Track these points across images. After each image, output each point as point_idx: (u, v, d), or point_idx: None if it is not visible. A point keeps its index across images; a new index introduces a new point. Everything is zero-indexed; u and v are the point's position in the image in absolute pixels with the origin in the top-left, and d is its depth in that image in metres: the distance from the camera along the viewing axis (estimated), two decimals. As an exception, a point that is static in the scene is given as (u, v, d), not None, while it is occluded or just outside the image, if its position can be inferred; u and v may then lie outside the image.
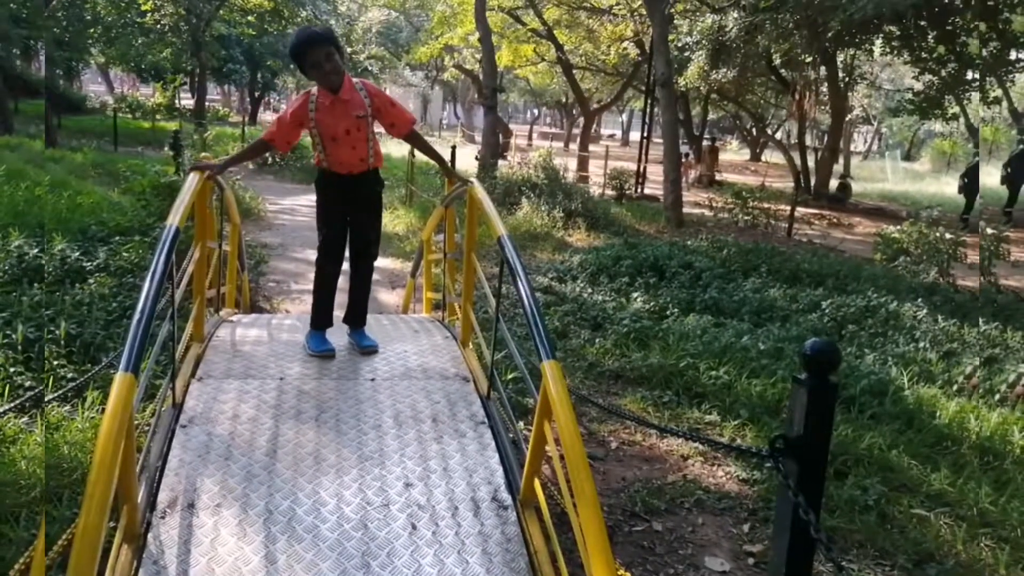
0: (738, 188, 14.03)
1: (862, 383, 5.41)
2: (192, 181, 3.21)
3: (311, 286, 3.75)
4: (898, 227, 10.73)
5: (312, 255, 3.90)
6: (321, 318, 3.65)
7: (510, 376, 5.08)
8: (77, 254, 6.31)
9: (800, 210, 14.22)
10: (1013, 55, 18.99)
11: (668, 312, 7.05)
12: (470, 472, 2.60)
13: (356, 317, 3.75)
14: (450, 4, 21.46)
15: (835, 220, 17.61)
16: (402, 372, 3.40)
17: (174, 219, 2.72)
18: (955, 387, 5.64)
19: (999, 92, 21.56)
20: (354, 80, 3.53)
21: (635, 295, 7.40)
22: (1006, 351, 6.70)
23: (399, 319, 4.65)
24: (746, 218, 13.35)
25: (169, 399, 2.90)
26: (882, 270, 9.58)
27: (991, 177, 30.00)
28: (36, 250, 6.08)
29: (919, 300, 8.01)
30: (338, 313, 3.75)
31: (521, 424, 4.10)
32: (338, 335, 3.73)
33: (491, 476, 2.59)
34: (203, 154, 5.38)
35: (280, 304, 6.85)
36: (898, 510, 3.87)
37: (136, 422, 3.46)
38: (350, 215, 3.64)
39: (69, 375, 4.24)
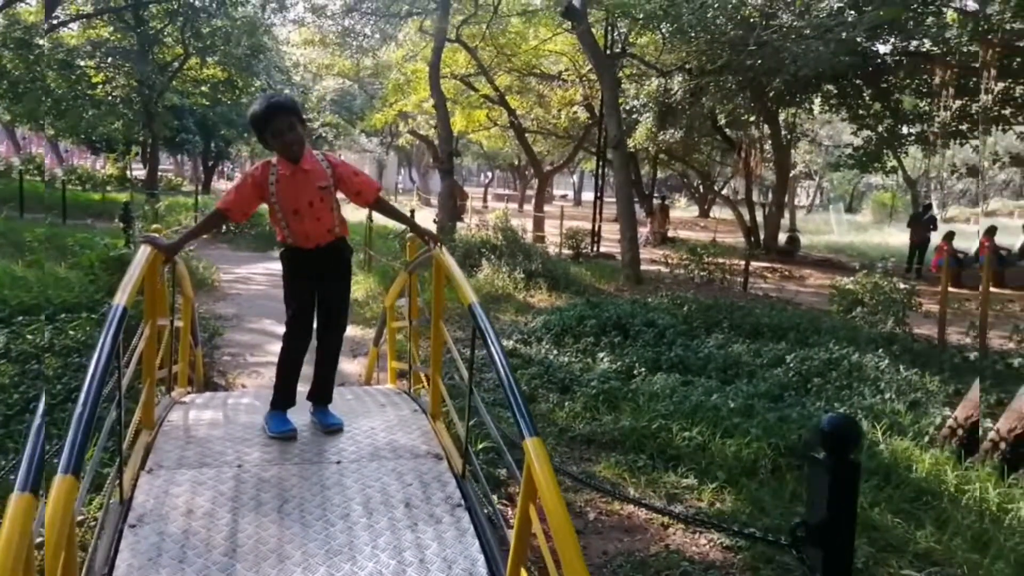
0: (692, 244, 14.23)
1: (835, 438, 5.36)
2: (142, 255, 3.04)
3: (268, 358, 3.58)
4: (851, 278, 10.94)
5: (268, 325, 3.74)
6: (284, 398, 3.45)
7: (480, 446, 4.89)
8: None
9: (753, 264, 14.47)
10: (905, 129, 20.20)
11: (635, 371, 6.96)
12: (449, 563, 2.41)
13: (322, 395, 3.55)
14: (404, 72, 21.76)
15: (787, 273, 17.98)
16: (370, 452, 3.20)
17: (122, 297, 2.55)
18: (927, 438, 5.62)
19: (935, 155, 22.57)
20: (315, 153, 3.44)
21: (601, 355, 7.31)
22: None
23: (363, 391, 4.46)
24: (702, 273, 13.50)
25: (116, 494, 2.66)
26: (840, 321, 9.69)
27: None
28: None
29: (879, 351, 8.09)
30: (301, 388, 3.56)
31: (495, 497, 3.91)
32: (299, 412, 3.53)
33: (472, 566, 2.40)
34: (154, 226, 5.17)
35: (236, 379, 6.57)
36: (888, 572, 3.76)
37: (80, 517, 3.19)
38: (319, 287, 3.49)
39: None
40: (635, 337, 7.89)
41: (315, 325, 3.52)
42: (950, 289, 10.06)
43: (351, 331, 8.79)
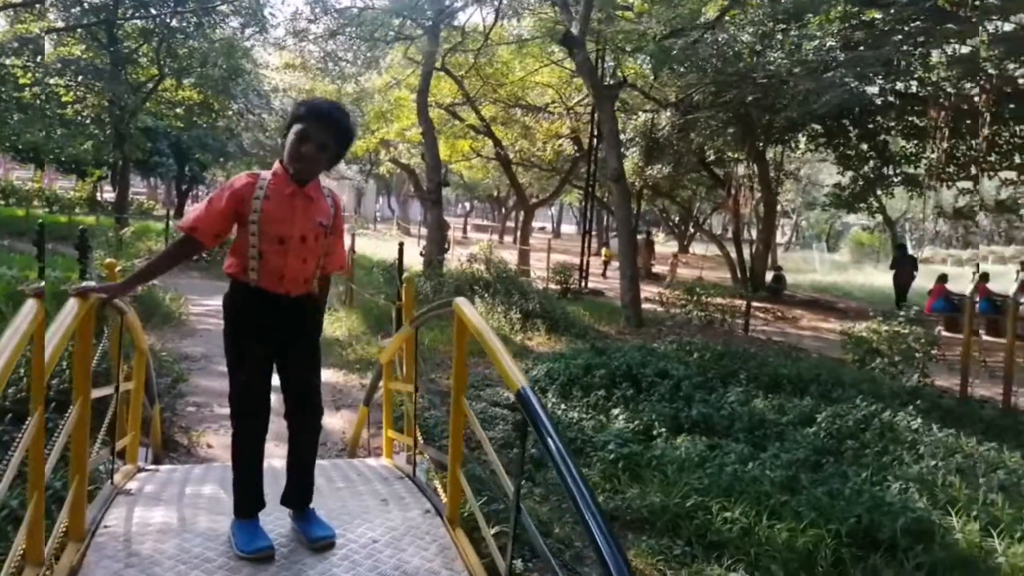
0: (690, 284, 13.60)
1: (899, 522, 4.63)
2: (67, 314, 2.23)
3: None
4: (863, 324, 10.37)
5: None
6: (248, 502, 2.62)
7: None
8: None
9: (740, 303, 13.88)
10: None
11: (655, 431, 6.21)
12: None
13: (300, 496, 2.73)
14: (387, 100, 21.15)
15: (780, 313, 17.45)
16: (375, 580, 2.39)
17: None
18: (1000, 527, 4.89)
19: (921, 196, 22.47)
20: (322, 185, 2.68)
21: (615, 411, 6.55)
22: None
23: (354, 470, 3.65)
24: (701, 314, 12.86)
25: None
26: (859, 373, 9.05)
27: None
28: None
29: (910, 408, 7.44)
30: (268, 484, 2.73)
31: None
32: (274, 516, 2.71)
33: None
34: (107, 260, 4.34)
35: (200, 436, 5.69)
36: None
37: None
38: (279, 352, 2.66)
39: None
40: (648, 390, 7.15)
41: (270, 402, 2.68)
42: (985, 338, 9.49)
43: (333, 375, 7.93)
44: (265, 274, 2.54)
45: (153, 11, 18.62)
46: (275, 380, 2.71)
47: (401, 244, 8.56)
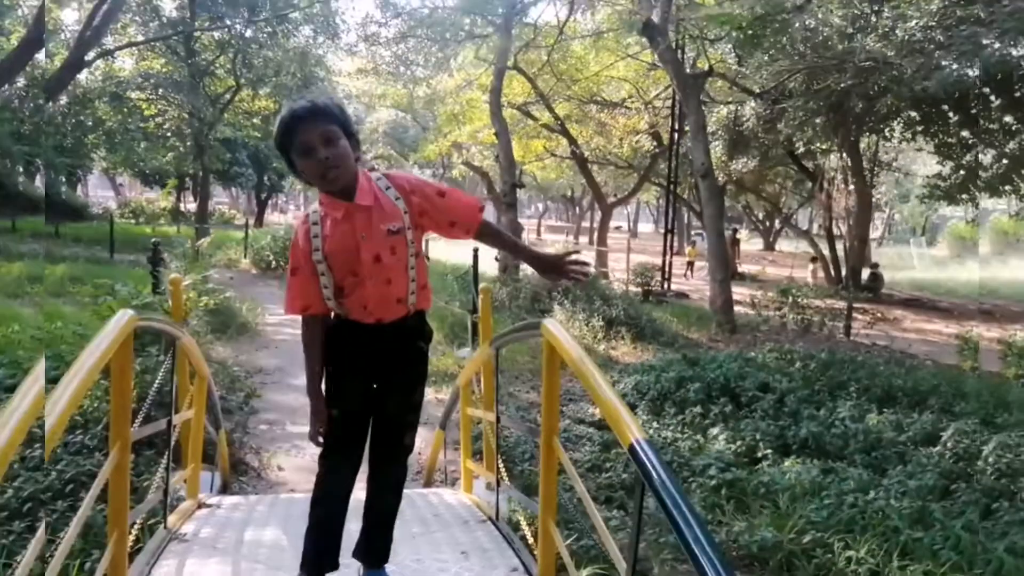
0: (784, 286, 12.75)
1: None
2: (110, 333, 1.91)
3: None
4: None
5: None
6: (319, 557, 2.24)
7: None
8: None
9: (838, 304, 12.89)
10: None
11: (759, 454, 5.61)
12: None
13: (374, 552, 2.34)
14: (459, 101, 20.93)
15: (879, 315, 16.26)
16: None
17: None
18: None
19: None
20: (373, 174, 2.23)
21: (714, 431, 5.97)
22: None
23: (430, 512, 3.24)
24: (797, 318, 12.00)
25: None
26: (982, 383, 8.13)
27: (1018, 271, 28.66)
28: None
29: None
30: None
31: None
32: (342, 570, 2.32)
33: None
34: (172, 276, 4.09)
35: (271, 458, 5.42)
36: None
37: None
38: (376, 388, 2.27)
39: None
40: (749, 405, 6.53)
41: (364, 446, 2.31)
42: None
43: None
44: (352, 307, 2.20)
45: (228, 23, 18.96)
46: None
47: (476, 249, 8.18)
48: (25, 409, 1.41)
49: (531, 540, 2.87)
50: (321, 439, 2.28)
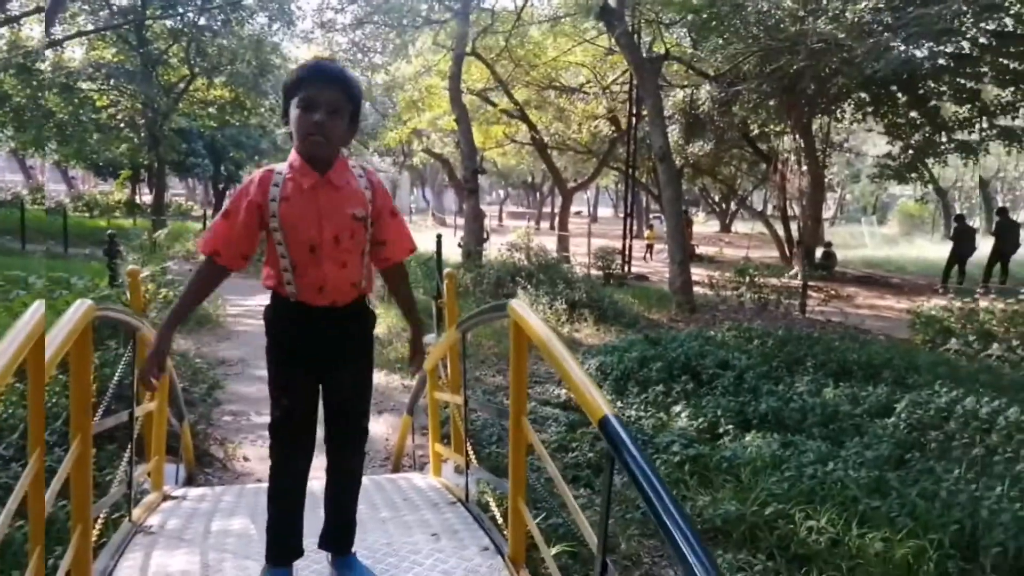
0: (741, 266, 12.98)
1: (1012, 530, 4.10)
2: (68, 323, 1.88)
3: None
4: (934, 303, 9.72)
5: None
6: (284, 547, 2.25)
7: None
8: None
9: (792, 283, 13.19)
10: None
11: (720, 429, 5.75)
12: None
13: (339, 540, 2.36)
14: (418, 88, 20.76)
15: (833, 292, 16.66)
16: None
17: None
18: None
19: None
20: (351, 164, 2.22)
21: (676, 408, 6.09)
22: None
23: (399, 495, 3.26)
24: (754, 297, 12.24)
25: None
26: (934, 356, 8.42)
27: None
28: None
29: (997, 394, 6.81)
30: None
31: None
32: (310, 559, 2.34)
33: None
34: (130, 268, 4.02)
35: (236, 449, 5.38)
36: None
37: None
38: (325, 373, 2.25)
39: None
40: (710, 382, 6.67)
41: (316, 432, 2.30)
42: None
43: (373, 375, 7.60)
44: (303, 287, 2.14)
45: (180, 10, 18.49)
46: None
47: (439, 236, 8.17)
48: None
49: (500, 520, 2.92)
50: (270, 423, 2.26)
